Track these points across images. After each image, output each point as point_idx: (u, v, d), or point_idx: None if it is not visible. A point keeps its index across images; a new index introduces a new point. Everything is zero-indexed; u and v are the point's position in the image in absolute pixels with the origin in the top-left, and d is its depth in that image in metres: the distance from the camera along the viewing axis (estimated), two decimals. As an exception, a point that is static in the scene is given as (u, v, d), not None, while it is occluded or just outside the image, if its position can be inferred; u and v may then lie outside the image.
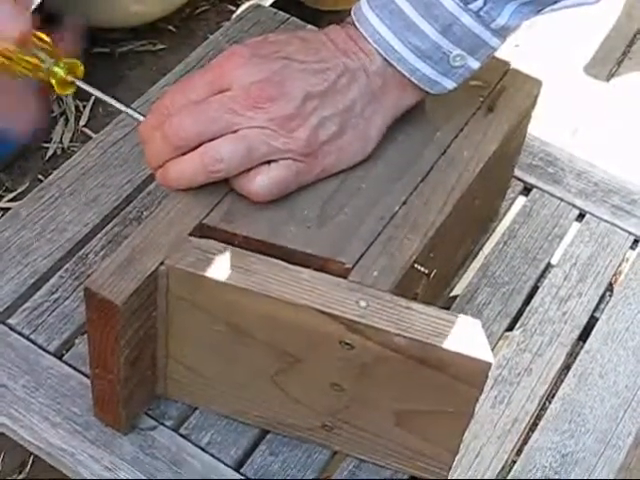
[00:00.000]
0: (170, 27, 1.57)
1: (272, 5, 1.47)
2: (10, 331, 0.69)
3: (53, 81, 0.66)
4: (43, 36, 0.66)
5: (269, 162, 0.62)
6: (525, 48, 1.60)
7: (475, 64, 0.65)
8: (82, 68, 0.67)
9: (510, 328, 0.76)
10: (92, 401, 0.65)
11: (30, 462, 1.09)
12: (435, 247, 0.65)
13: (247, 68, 0.62)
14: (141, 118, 0.66)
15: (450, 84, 0.66)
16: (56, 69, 0.66)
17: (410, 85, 0.66)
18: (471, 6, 0.62)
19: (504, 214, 0.83)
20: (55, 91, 0.67)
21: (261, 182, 0.62)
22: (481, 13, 0.63)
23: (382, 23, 0.64)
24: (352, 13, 0.66)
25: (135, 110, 0.67)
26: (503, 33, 0.65)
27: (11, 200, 1.33)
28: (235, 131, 0.61)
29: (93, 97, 1.46)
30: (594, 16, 1.72)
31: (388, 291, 0.59)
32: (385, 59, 0.64)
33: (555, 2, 0.65)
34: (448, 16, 0.63)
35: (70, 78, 0.67)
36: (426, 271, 0.63)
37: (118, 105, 0.67)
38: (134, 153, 0.80)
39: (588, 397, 0.72)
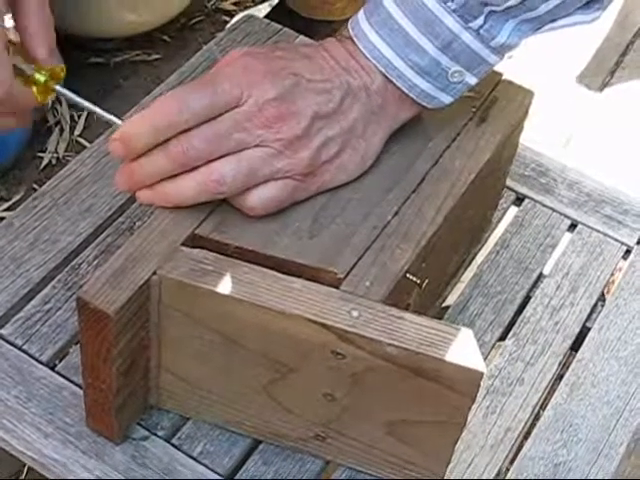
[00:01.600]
0: (165, 37, 1.58)
1: (266, 15, 1.48)
2: (3, 341, 0.69)
3: (34, 88, 0.66)
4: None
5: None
6: (518, 58, 1.61)
7: (473, 80, 0.66)
8: (63, 74, 0.67)
9: (502, 338, 0.76)
10: (84, 411, 0.65)
11: (25, 471, 1.09)
12: (427, 257, 0.65)
13: (262, 85, 0.61)
14: (118, 122, 0.64)
15: (447, 99, 0.66)
16: (37, 76, 0.66)
17: (408, 101, 0.66)
18: (471, 24, 0.63)
19: (496, 224, 0.83)
20: (36, 98, 0.66)
21: (257, 199, 0.62)
22: (481, 31, 0.63)
23: (382, 40, 0.64)
24: (349, 28, 0.66)
25: (107, 111, 0.65)
26: (502, 51, 0.65)
27: (6, 210, 1.33)
28: (241, 149, 0.61)
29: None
30: (587, 27, 1.73)
31: (380, 301, 0.60)
32: (385, 76, 0.65)
33: (553, 21, 0.65)
34: (448, 34, 0.63)
35: (52, 85, 0.66)
36: (418, 281, 0.64)
37: (99, 111, 0.65)
38: (128, 163, 0.80)
39: (580, 407, 0.72)
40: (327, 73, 0.64)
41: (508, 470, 0.69)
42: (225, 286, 0.58)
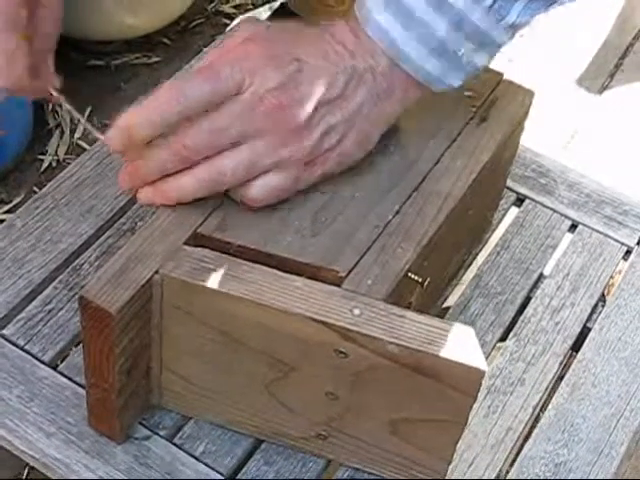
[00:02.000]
0: (165, 40, 1.58)
1: (267, 18, 1.48)
2: (5, 342, 0.69)
3: None
4: None
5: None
6: (518, 61, 1.61)
7: (481, 61, 0.64)
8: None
9: (503, 338, 0.76)
10: (87, 411, 0.65)
11: (27, 471, 1.09)
12: (429, 256, 0.65)
13: (264, 72, 0.60)
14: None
15: (455, 82, 0.65)
16: None
17: (414, 84, 0.64)
18: (481, 4, 0.61)
19: (497, 225, 0.83)
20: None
21: (259, 189, 0.62)
22: (491, 11, 0.61)
23: (388, 21, 0.62)
24: (356, 9, 0.64)
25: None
26: (512, 30, 0.63)
27: (6, 212, 1.33)
28: (242, 140, 0.60)
29: (88, 110, 1.46)
30: (586, 29, 1.73)
31: (382, 299, 0.60)
32: (391, 58, 0.63)
33: None
34: (457, 13, 0.61)
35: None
36: (420, 280, 0.64)
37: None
38: (129, 164, 0.80)
39: (581, 407, 0.72)
40: (332, 58, 0.63)
41: (509, 470, 0.69)
42: (227, 285, 0.58)
